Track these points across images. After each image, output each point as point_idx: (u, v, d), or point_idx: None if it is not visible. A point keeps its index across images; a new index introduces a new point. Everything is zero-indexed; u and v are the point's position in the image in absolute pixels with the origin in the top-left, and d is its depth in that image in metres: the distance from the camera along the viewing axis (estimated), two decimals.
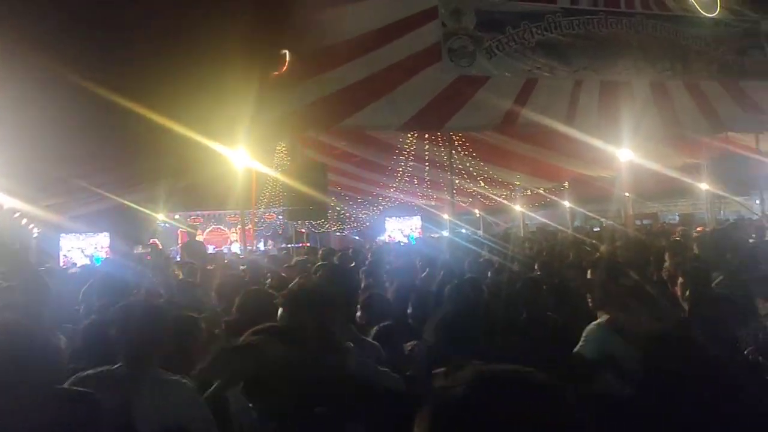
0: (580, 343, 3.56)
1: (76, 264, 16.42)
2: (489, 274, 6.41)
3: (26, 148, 8.62)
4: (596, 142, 10.87)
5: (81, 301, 4.83)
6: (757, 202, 15.16)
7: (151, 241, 21.36)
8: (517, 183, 18.25)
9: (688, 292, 3.60)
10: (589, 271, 3.94)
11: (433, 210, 21.64)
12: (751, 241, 8.63)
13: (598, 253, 6.65)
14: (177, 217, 22.07)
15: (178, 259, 12.92)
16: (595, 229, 16.88)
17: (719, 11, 11.93)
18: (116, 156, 10.86)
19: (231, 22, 7.62)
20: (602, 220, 20.03)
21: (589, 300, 3.87)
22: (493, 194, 19.22)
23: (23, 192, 11.45)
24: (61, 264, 16.81)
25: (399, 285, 4.96)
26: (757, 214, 14.03)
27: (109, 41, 6.78)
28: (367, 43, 9.17)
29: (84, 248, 18.53)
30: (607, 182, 15.68)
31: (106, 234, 18.64)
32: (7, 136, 7.76)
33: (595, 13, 10.62)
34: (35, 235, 17.63)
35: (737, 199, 15.86)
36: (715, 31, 11.66)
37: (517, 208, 20.14)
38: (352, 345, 3.04)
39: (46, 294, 4.27)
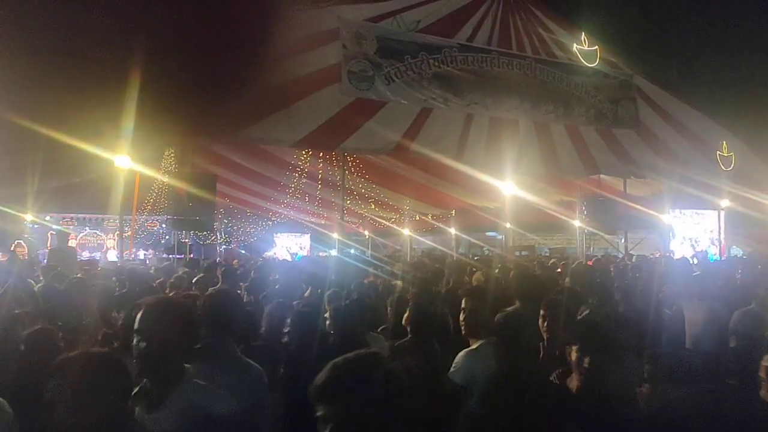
0: (452, 368, 3.67)
1: None
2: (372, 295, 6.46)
3: None
4: (483, 175, 11.37)
5: None
6: (623, 240, 16.42)
7: (16, 242, 19.72)
8: (407, 207, 18.66)
9: (546, 324, 3.82)
10: (463, 300, 4.07)
11: (322, 229, 21.61)
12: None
13: (474, 282, 6.90)
14: (48, 218, 20.53)
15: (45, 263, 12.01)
16: (476, 258, 17.58)
17: (598, 62, 12.96)
18: None
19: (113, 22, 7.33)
20: (486, 247, 20.89)
21: (462, 327, 3.99)
22: (382, 217, 19.51)
23: None
24: None
25: (278, 304, 4.88)
26: (621, 252, 15.17)
27: None
28: (269, 55, 9.08)
29: None
30: (492, 213, 16.39)
31: None
32: None
33: (489, 52, 11.19)
34: None
35: (606, 237, 17.07)
36: (594, 80, 12.64)
37: (406, 232, 20.56)
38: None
39: None
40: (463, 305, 4.01)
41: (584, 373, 2.62)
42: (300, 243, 22.96)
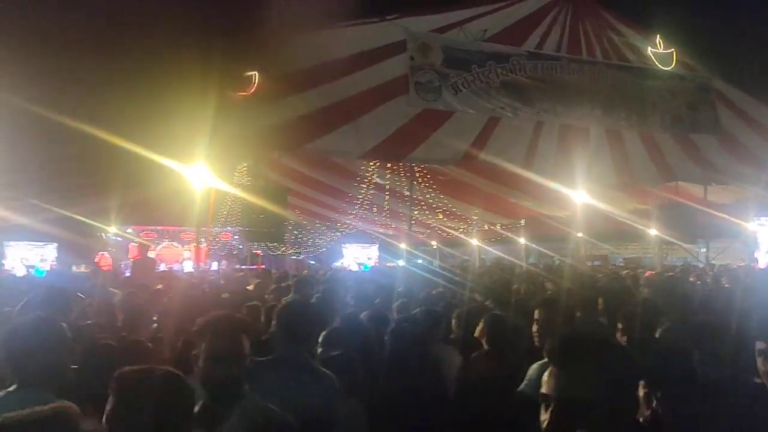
0: (524, 382, 3.61)
1: (15, 275, 15.86)
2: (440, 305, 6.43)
3: None
4: (553, 183, 11.15)
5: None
6: (703, 250, 15.69)
7: (99, 254, 20.79)
8: (475, 217, 18.49)
9: (626, 338, 3.69)
10: (536, 310, 4.00)
11: (390, 239, 21.69)
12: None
13: (548, 292, 6.77)
14: (129, 231, 21.52)
15: (128, 274, 12.61)
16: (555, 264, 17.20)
17: (674, 65, 12.49)
18: (59, 166, 10.63)
19: (193, 39, 7.64)
20: (556, 257, 20.43)
21: (535, 338, 3.92)
22: (450, 227, 19.41)
23: None
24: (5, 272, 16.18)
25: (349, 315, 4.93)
26: (702, 262, 14.51)
27: (57, 56, 6.71)
28: (335, 69, 9.26)
29: (28, 258, 17.85)
30: (562, 222, 16.02)
31: (54, 245, 18.05)
32: None
33: (558, 59, 10.99)
34: None
35: (685, 246, 16.38)
36: (669, 84, 12.19)
37: (474, 242, 20.37)
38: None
39: None
40: (536, 316, 3.94)
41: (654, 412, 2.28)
42: (368, 253, 23.11)
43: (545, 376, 1.60)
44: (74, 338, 3.81)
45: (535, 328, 3.92)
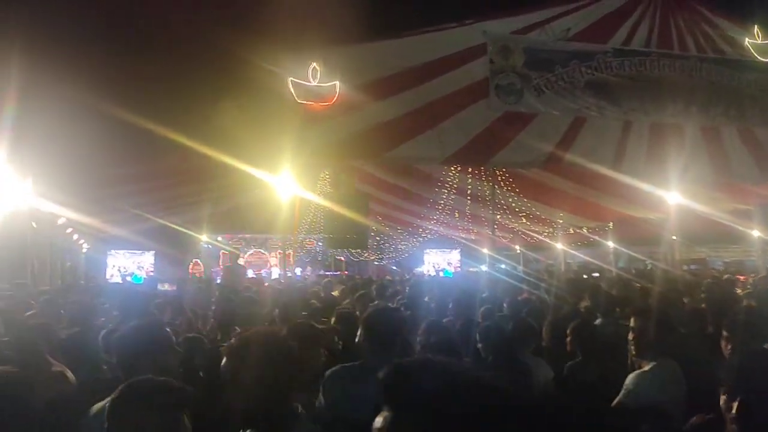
0: (623, 392, 3.46)
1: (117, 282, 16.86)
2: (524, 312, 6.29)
3: (77, 168, 8.98)
4: (644, 184, 10.69)
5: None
6: None
7: (193, 261, 21.77)
8: (560, 221, 18.01)
9: (730, 347, 3.45)
10: (632, 319, 3.83)
11: (472, 244, 21.51)
12: None
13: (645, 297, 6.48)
14: (219, 238, 22.42)
15: (218, 281, 13.14)
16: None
17: None
18: (160, 178, 11.21)
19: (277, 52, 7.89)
20: (648, 261, 19.54)
21: (632, 347, 3.76)
22: (534, 231, 19.00)
23: (76, 210, 11.86)
24: (108, 279, 17.25)
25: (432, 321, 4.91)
26: None
27: (160, 75, 7.09)
28: (415, 76, 9.28)
29: (127, 266, 18.90)
30: (654, 224, 15.34)
31: (152, 252, 19.06)
32: (60, 158, 8.13)
33: (648, 55, 10.52)
34: (84, 250, 18.16)
35: None
36: None
37: (559, 246, 19.84)
38: None
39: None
40: (632, 324, 3.78)
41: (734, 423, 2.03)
42: (449, 258, 22.99)
43: None
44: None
45: (630, 336, 3.76)
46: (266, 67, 8.30)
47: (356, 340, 3.28)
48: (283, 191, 10.50)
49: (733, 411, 2.01)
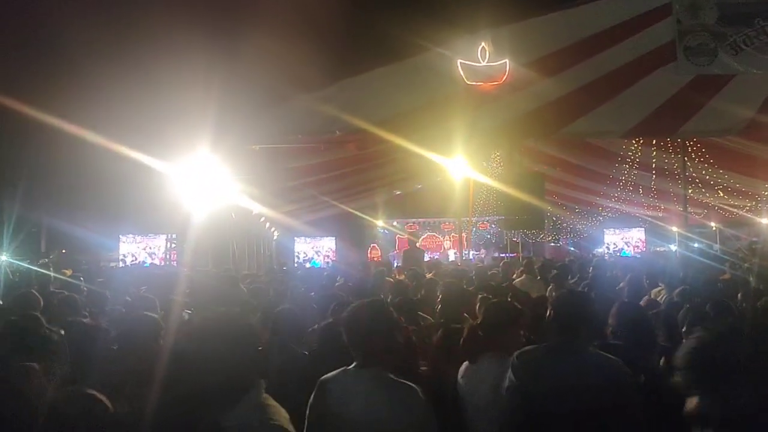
0: None
1: (305, 265, 18.13)
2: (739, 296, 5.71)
3: (265, 161, 9.79)
4: None
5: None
6: None
7: (371, 246, 22.73)
8: (765, 193, 16.05)
9: None
10: None
11: (658, 222, 19.98)
12: None
13: None
14: (395, 223, 23.14)
15: (396, 265, 13.59)
16: None
17: None
18: (339, 167, 11.83)
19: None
20: None
21: None
22: (733, 205, 17.14)
23: (267, 200, 12.94)
24: (295, 264, 18.62)
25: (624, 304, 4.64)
26: None
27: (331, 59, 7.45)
28: (590, 46, 8.80)
29: (306, 252, 20.06)
30: None
31: (332, 238, 20.18)
32: (252, 153, 8.92)
33: None
34: (275, 237, 19.78)
35: None
36: None
37: (765, 221, 17.72)
38: None
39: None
40: None
41: None
42: (631, 237, 21.54)
43: None
44: None
45: None
46: (436, 50, 8.37)
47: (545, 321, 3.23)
48: (456, 174, 10.55)
49: None
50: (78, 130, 6.34)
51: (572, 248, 23.61)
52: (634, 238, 21.24)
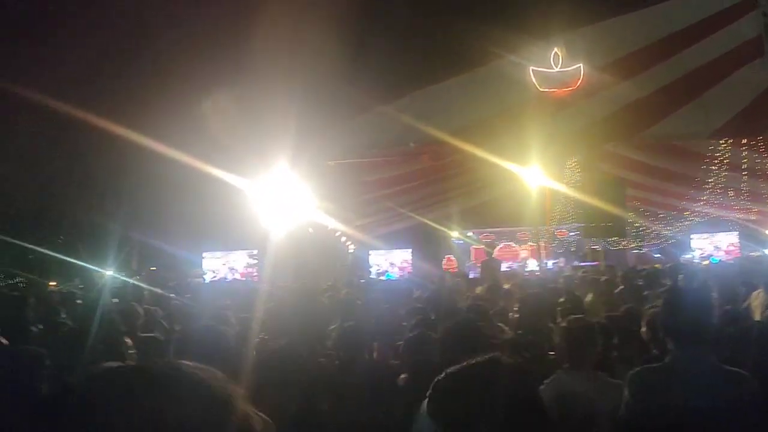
0: None
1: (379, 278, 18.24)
2: None
3: (341, 176, 9.98)
4: None
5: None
6: None
7: (446, 257, 22.64)
8: None
9: None
10: None
11: (753, 225, 18.89)
12: None
13: None
14: (470, 234, 22.92)
15: (471, 275, 13.48)
16: None
17: None
18: (416, 177, 11.89)
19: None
20: None
21: None
22: None
23: (342, 214, 13.16)
24: (371, 277, 18.76)
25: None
26: None
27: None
28: (669, 46, 8.51)
29: (380, 264, 20.08)
30: None
31: (408, 250, 20.21)
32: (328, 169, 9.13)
33: None
34: (351, 250, 20.05)
35: None
36: None
37: None
38: None
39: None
40: None
41: None
42: (718, 242, 20.40)
43: None
44: None
45: None
46: (508, 58, 8.32)
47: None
48: (532, 182, 10.39)
49: None
50: (166, 149, 6.69)
51: (657, 255, 22.63)
52: (725, 243, 20.13)
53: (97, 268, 12.08)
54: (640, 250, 23.36)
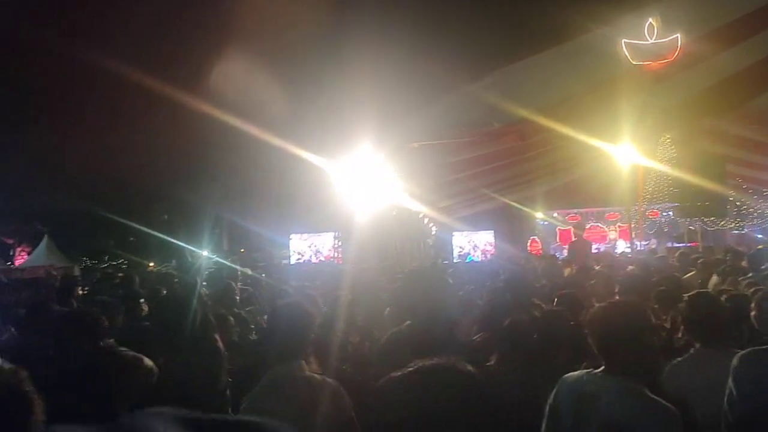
0: None
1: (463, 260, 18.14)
2: None
3: (425, 158, 9.97)
4: None
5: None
6: None
7: (531, 239, 22.21)
8: None
9: None
10: None
11: None
12: None
13: None
14: (555, 215, 22.34)
15: (560, 257, 13.15)
16: None
17: None
18: (501, 157, 11.69)
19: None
20: None
21: None
22: None
23: (426, 196, 13.15)
24: (455, 260, 18.70)
25: None
26: None
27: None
28: None
29: (463, 246, 19.94)
30: None
31: (491, 232, 19.96)
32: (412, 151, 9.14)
33: None
34: (433, 232, 20.04)
35: None
36: None
37: None
38: None
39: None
40: None
41: None
42: None
43: None
44: None
45: None
46: (598, 31, 7.98)
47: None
48: (623, 160, 9.99)
49: None
50: (259, 132, 6.91)
51: (760, 235, 21.23)
52: None
53: (193, 248, 12.70)
54: (741, 230, 21.97)
